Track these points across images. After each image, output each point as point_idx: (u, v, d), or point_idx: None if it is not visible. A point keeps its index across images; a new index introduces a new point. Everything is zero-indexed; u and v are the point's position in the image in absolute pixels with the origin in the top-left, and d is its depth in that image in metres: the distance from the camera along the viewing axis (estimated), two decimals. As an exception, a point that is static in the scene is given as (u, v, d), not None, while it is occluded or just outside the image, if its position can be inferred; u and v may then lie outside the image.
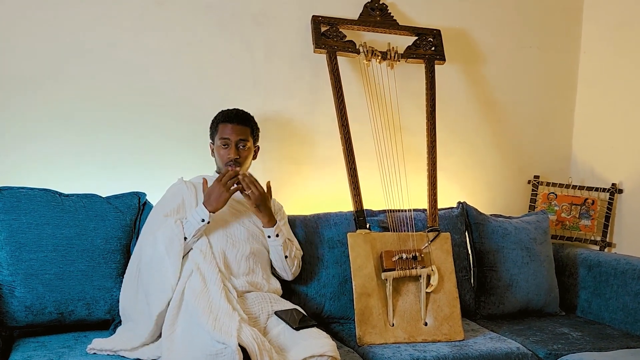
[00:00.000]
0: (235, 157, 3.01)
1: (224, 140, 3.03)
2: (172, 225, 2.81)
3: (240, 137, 3.04)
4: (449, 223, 3.54)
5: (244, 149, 3.05)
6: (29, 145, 3.25)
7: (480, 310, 3.56)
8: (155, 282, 2.75)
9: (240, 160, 3.03)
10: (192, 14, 3.47)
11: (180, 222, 2.82)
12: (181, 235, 2.79)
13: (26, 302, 2.83)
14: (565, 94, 4.30)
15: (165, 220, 2.86)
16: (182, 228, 2.80)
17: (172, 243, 2.77)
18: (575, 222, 4.05)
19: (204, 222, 2.81)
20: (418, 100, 3.74)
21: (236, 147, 3.03)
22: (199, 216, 2.81)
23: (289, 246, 3.05)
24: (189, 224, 2.81)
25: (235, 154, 3.01)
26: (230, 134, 3.03)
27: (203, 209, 2.82)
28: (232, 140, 3.02)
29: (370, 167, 3.49)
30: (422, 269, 3.16)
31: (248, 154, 3.08)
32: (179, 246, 2.77)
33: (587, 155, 4.23)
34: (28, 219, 2.88)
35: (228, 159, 3.01)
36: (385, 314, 3.09)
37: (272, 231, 2.98)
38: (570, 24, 4.26)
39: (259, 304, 2.77)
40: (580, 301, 3.75)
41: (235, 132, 3.04)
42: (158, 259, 2.76)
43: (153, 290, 2.74)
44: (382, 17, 3.71)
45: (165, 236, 2.78)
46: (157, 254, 2.77)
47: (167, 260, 2.75)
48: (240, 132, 3.05)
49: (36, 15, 3.22)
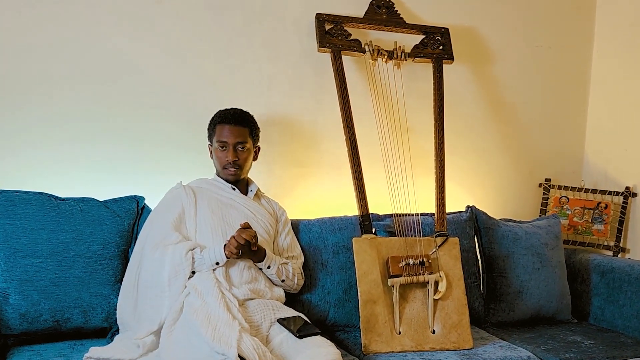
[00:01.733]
0: (234, 160, 2.99)
1: (221, 143, 3.02)
2: (182, 256, 2.76)
3: (239, 139, 3.02)
4: (457, 228, 3.52)
5: (243, 150, 3.03)
6: (24, 148, 3.23)
7: (489, 317, 3.54)
8: (148, 306, 2.75)
9: (239, 162, 3.01)
10: (192, 12, 3.45)
11: (192, 256, 2.77)
12: (189, 271, 2.75)
13: (21, 309, 2.81)
14: (577, 95, 4.29)
15: (174, 240, 2.82)
16: (192, 262, 2.76)
17: (177, 277, 2.74)
18: (588, 227, 4.03)
19: (218, 265, 2.79)
20: (425, 101, 3.73)
21: (234, 149, 3.00)
22: (215, 259, 2.78)
23: (283, 271, 3.03)
24: (203, 261, 2.77)
25: (233, 156, 2.99)
26: (227, 136, 3.01)
27: (222, 253, 2.77)
28: (229, 143, 3.00)
29: (376, 170, 3.47)
30: (430, 275, 3.14)
31: (247, 156, 3.06)
32: (183, 281, 2.74)
33: (600, 157, 4.22)
34: (23, 224, 2.86)
35: (226, 162, 3.00)
36: (392, 322, 3.07)
37: (263, 265, 2.95)
38: (582, 22, 4.25)
39: (260, 311, 2.75)
40: (593, 308, 3.73)
41: (233, 133, 3.01)
42: (158, 287, 2.74)
43: (144, 315, 2.75)
44: (388, 14, 3.69)
45: (172, 267, 2.75)
46: (160, 281, 2.75)
47: (167, 292, 2.73)
48: (239, 133, 3.03)
49: (30, 14, 3.20)
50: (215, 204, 2.97)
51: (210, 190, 3.03)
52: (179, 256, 2.75)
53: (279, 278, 2.99)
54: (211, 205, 2.97)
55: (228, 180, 3.07)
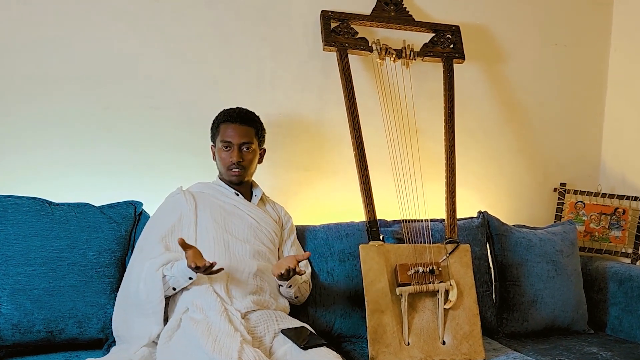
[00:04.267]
0: (238, 161, 2.97)
1: (225, 143, 2.99)
2: (152, 274, 2.67)
3: (244, 139, 2.99)
4: (468, 234, 3.51)
5: (248, 151, 3.01)
6: (16, 151, 3.22)
7: (502, 328, 3.53)
8: (135, 321, 2.72)
9: (244, 163, 2.99)
10: (192, 9, 3.44)
11: (162, 273, 2.67)
12: (160, 287, 2.64)
13: (13, 319, 2.79)
14: (594, 95, 4.28)
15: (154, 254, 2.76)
16: (162, 279, 2.66)
17: (151, 296, 2.66)
18: (605, 233, 4.02)
19: (192, 280, 2.71)
20: (435, 101, 3.72)
21: (239, 149, 2.99)
22: (187, 275, 2.68)
23: (300, 289, 3.03)
24: (176, 279, 2.69)
25: (238, 157, 2.97)
26: (232, 135, 2.99)
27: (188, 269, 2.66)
28: (234, 143, 2.98)
29: (383, 174, 3.47)
30: (440, 283, 3.13)
31: (253, 157, 3.04)
32: (158, 299, 2.66)
33: (617, 160, 4.20)
34: (15, 230, 2.86)
35: (230, 163, 2.98)
36: (400, 332, 3.05)
37: (285, 283, 2.92)
38: (599, 19, 4.25)
39: (264, 322, 2.73)
40: (610, 318, 3.72)
41: (239, 133, 2.99)
42: (140, 303, 2.69)
43: (133, 330, 2.72)
44: (396, 12, 3.68)
45: (145, 284, 2.67)
46: (138, 298, 2.69)
47: (149, 309, 2.67)
48: (244, 133, 3.00)
49: (22, 12, 3.20)
50: (217, 212, 2.94)
51: (212, 195, 3.02)
52: (151, 275, 2.68)
53: (294, 295, 2.99)
54: (213, 214, 2.94)
55: (231, 182, 3.04)
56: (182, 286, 2.71)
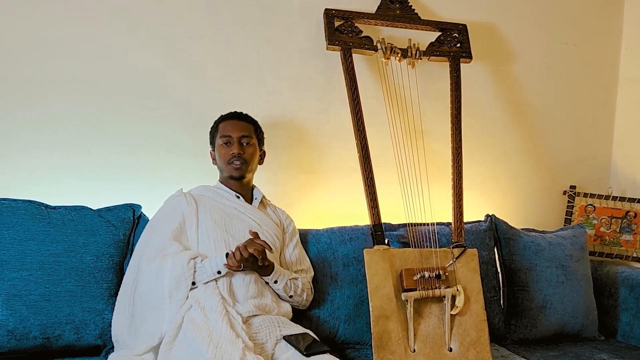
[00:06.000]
0: (239, 153, 3.00)
1: (225, 138, 3.03)
2: (183, 266, 2.71)
3: (243, 132, 3.05)
4: (476, 238, 3.51)
5: (248, 145, 3.05)
6: (12, 153, 3.23)
7: (510, 334, 3.53)
8: (146, 321, 2.71)
9: (244, 156, 3.02)
10: (192, 7, 3.44)
11: (194, 265, 2.73)
12: (190, 281, 2.71)
13: (8, 325, 2.79)
14: (604, 95, 4.28)
15: (174, 251, 2.78)
16: (193, 272, 2.72)
17: (178, 288, 2.70)
18: (616, 237, 4.01)
19: (220, 274, 2.75)
20: (442, 102, 3.72)
21: (239, 142, 3.03)
22: (217, 267, 2.73)
23: (291, 287, 3.01)
24: (204, 271, 2.73)
25: (238, 149, 3.01)
26: (232, 130, 3.04)
27: (224, 261, 2.73)
28: (234, 136, 3.02)
29: (389, 177, 3.46)
30: (447, 289, 3.11)
31: (253, 152, 3.07)
32: (185, 292, 2.70)
33: (628, 162, 4.19)
34: (10, 234, 2.85)
35: (231, 156, 3.00)
36: (406, 339, 3.04)
37: (270, 279, 2.92)
38: (610, 17, 4.24)
39: (266, 328, 2.72)
40: (621, 324, 3.71)
41: (238, 127, 3.05)
42: (158, 299, 2.70)
43: (142, 331, 2.71)
44: (402, 10, 3.67)
45: (173, 278, 2.70)
46: (160, 293, 2.70)
47: (167, 305, 2.69)
48: (243, 127, 3.06)
49: (20, 14, 3.20)
50: (218, 214, 2.95)
51: (213, 198, 3.02)
52: (180, 266, 2.71)
53: (287, 294, 2.97)
54: (214, 216, 2.94)
55: (232, 177, 3.05)
56: (204, 280, 2.72)
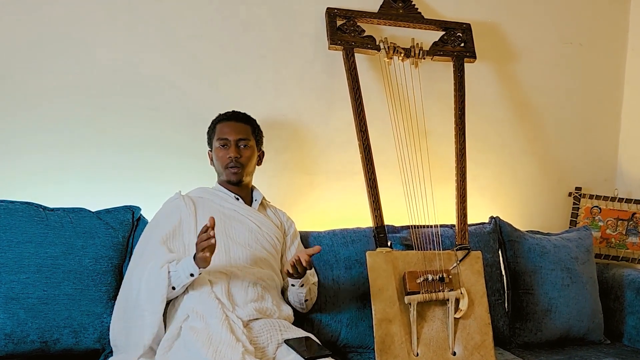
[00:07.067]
0: (236, 157, 2.99)
1: (222, 141, 3.02)
2: (157, 271, 2.67)
3: (241, 135, 3.03)
4: (480, 240, 3.51)
5: (246, 148, 3.04)
6: (10, 155, 3.23)
7: (515, 338, 3.52)
8: (136, 327, 2.68)
9: (241, 160, 3.01)
10: (193, 7, 3.44)
11: (167, 269, 2.67)
12: (165, 284, 2.64)
13: (6, 329, 2.79)
14: (610, 96, 4.27)
15: (157, 256, 2.74)
16: (167, 276, 2.65)
17: (152, 295, 2.65)
18: (622, 240, 4.00)
19: (193, 277, 2.68)
20: (445, 102, 3.72)
21: (236, 146, 3.01)
22: (188, 270, 2.66)
23: (311, 290, 3.01)
24: (177, 275, 2.67)
25: (235, 153, 2.99)
26: (229, 132, 3.02)
27: (192, 262, 2.65)
28: (231, 140, 3.01)
29: (391, 178, 3.45)
30: (450, 291, 3.11)
31: (251, 155, 3.06)
32: (159, 298, 2.64)
33: (635, 164, 4.19)
34: (8, 236, 2.85)
35: (228, 159, 3.00)
36: (409, 343, 3.03)
37: (298, 282, 2.91)
38: (616, 17, 4.24)
39: (267, 332, 2.71)
40: (628, 328, 3.71)
41: (235, 130, 3.03)
42: (137, 308, 2.67)
43: (131, 339, 2.68)
44: (405, 9, 3.67)
45: (147, 285, 2.66)
46: (137, 302, 2.67)
47: (145, 313, 2.65)
48: (240, 129, 3.04)
49: (17, 16, 3.20)
50: (217, 217, 2.93)
51: (212, 200, 3.01)
52: (155, 272, 2.67)
53: (305, 297, 2.98)
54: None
55: (230, 181, 3.04)
56: (182, 284, 2.68)
